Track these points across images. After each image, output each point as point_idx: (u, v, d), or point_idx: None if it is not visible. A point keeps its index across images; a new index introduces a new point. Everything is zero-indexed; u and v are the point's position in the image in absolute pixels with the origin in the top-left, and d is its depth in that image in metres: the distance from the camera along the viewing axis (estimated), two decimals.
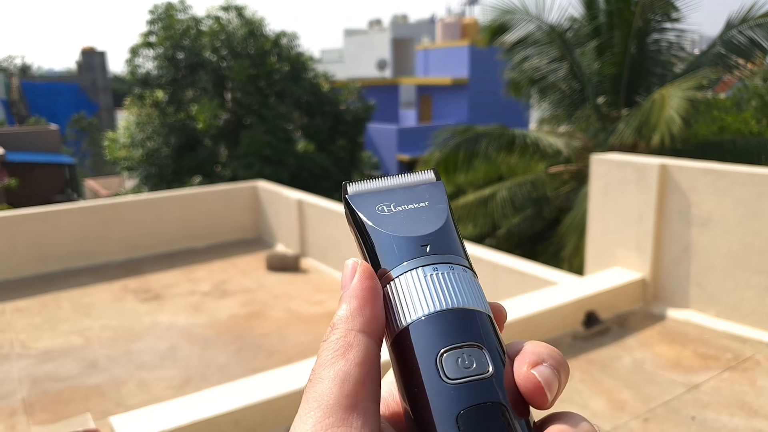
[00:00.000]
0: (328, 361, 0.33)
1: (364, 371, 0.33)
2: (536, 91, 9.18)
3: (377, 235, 0.38)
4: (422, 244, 0.37)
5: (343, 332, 0.34)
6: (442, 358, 0.32)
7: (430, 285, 0.35)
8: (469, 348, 0.33)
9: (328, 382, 0.32)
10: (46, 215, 6.70)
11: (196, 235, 7.25)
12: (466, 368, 0.32)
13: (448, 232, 0.38)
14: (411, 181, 0.41)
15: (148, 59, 12.89)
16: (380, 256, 0.37)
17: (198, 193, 7.65)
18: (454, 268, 0.36)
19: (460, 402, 0.31)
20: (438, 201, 0.40)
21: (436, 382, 0.32)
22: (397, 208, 0.39)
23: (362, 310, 0.35)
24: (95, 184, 22.89)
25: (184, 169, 12.24)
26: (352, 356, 0.33)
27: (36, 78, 41.87)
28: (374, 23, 25.69)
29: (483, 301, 0.35)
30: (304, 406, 0.33)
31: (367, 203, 0.40)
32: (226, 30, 12.66)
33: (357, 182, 0.41)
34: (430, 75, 19.74)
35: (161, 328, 5.17)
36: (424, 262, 0.36)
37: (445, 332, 0.33)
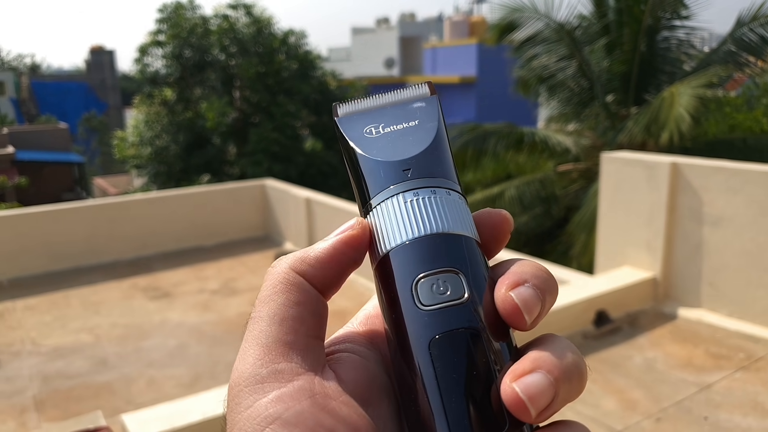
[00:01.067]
0: (267, 297, 0.33)
1: (303, 310, 0.33)
2: (545, 90, 9.15)
3: (363, 160, 0.37)
4: (404, 168, 0.36)
5: (284, 269, 0.34)
6: (417, 285, 0.32)
7: (409, 211, 0.34)
8: (445, 273, 0.32)
9: (267, 320, 0.32)
10: (56, 213, 6.74)
11: (204, 234, 7.27)
12: (441, 294, 0.31)
13: (435, 152, 0.36)
14: (404, 97, 0.39)
15: (156, 58, 12.94)
16: (366, 182, 0.36)
17: (206, 192, 7.67)
18: (436, 192, 0.35)
19: (432, 328, 0.31)
20: (429, 118, 0.38)
21: (412, 308, 0.32)
22: (385, 129, 0.38)
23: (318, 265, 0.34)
24: (104, 182, 23.01)
25: (192, 168, 12.27)
26: (291, 296, 0.33)
27: (45, 77, 42.13)
28: (382, 21, 25.65)
29: (465, 224, 0.34)
30: (244, 344, 0.32)
31: (356, 125, 0.38)
32: (234, 28, 12.68)
33: (348, 102, 0.39)
34: (438, 73, 19.71)
35: (170, 326, 5.19)
36: (405, 187, 0.35)
37: (421, 259, 0.33)
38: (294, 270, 0.34)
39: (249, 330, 0.33)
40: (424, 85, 0.39)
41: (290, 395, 0.30)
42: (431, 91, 0.39)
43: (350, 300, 4.84)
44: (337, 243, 0.35)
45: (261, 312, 0.33)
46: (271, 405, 0.30)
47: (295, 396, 0.30)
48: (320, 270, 0.34)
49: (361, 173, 0.37)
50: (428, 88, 0.39)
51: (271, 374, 0.31)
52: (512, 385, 0.29)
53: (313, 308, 0.33)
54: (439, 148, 0.37)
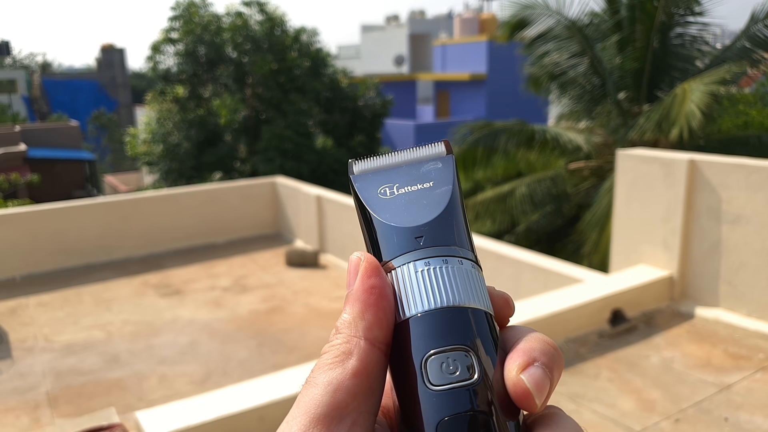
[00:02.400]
0: (325, 366, 0.32)
1: (358, 382, 0.32)
2: (556, 87, 9.08)
3: (375, 222, 0.36)
4: (417, 236, 0.35)
5: (345, 338, 0.33)
6: (426, 363, 0.31)
7: (420, 281, 0.33)
8: (455, 351, 0.31)
9: (321, 389, 0.32)
10: (68, 211, 6.76)
11: (215, 231, 7.27)
12: (450, 374, 0.31)
13: (448, 219, 0.36)
14: (419, 156, 0.39)
15: (169, 55, 12.97)
16: (381, 245, 0.36)
17: (217, 189, 7.67)
18: (448, 261, 0.34)
19: (440, 410, 0.30)
20: (444, 181, 0.37)
21: (421, 386, 0.31)
22: (399, 190, 0.37)
23: (364, 315, 0.33)
24: (114, 179, 23.12)
25: (204, 165, 12.30)
26: (349, 365, 0.32)
27: (57, 75, 42.38)
28: (391, 19, 25.59)
29: (479, 296, 0.33)
30: (293, 410, 0.32)
31: (370, 184, 0.38)
32: (248, 25, 12.69)
33: (363, 160, 0.39)
34: (448, 71, 19.64)
35: (182, 323, 5.19)
36: (416, 256, 0.34)
37: (431, 334, 0.32)
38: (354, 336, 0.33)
39: (301, 394, 0.32)
40: (440, 144, 0.39)
41: None
42: (447, 150, 0.39)
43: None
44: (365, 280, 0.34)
45: (317, 379, 0.32)
46: None
47: None
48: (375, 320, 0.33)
49: (374, 235, 0.36)
50: (444, 147, 0.39)
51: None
52: None
53: (371, 377, 0.32)
54: (452, 213, 0.36)
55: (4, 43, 45.50)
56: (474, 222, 8.91)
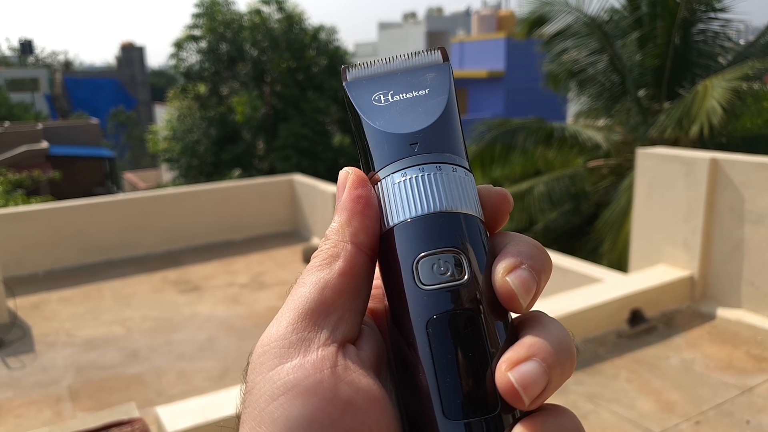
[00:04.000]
0: (314, 267, 0.34)
1: (344, 281, 0.33)
2: (575, 84, 9.00)
3: (369, 129, 0.36)
4: (411, 142, 0.35)
5: (333, 243, 0.34)
6: (418, 264, 0.32)
7: (413, 188, 0.33)
8: (446, 253, 0.32)
9: (309, 287, 0.33)
10: (89, 207, 6.85)
11: (233, 228, 7.32)
12: (441, 274, 0.32)
13: (443, 126, 0.36)
14: (416, 63, 0.38)
15: (192, 52, 13.07)
16: (372, 153, 0.36)
17: (236, 186, 7.72)
18: (442, 168, 0.34)
19: (431, 308, 0.31)
20: (440, 88, 0.37)
21: (412, 287, 0.32)
22: (394, 97, 0.37)
23: (350, 221, 0.34)
24: (134, 176, 23.37)
25: (223, 162, 12.38)
26: (336, 266, 0.33)
27: (78, 73, 42.92)
28: (409, 16, 25.54)
29: (470, 202, 0.34)
30: (283, 309, 0.33)
31: (365, 91, 0.37)
32: (266, 23, 12.74)
33: (357, 66, 0.38)
34: (466, 68, 19.56)
35: (200, 319, 5.24)
36: (410, 163, 0.34)
37: (422, 237, 0.32)
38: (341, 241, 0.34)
39: (291, 294, 0.34)
40: (436, 51, 0.38)
41: (312, 364, 0.31)
42: (444, 58, 0.38)
43: None
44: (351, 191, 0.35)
45: (305, 279, 0.34)
46: (293, 371, 0.31)
47: (317, 365, 0.31)
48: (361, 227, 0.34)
49: (366, 143, 0.36)
50: (441, 55, 0.38)
51: (299, 341, 0.32)
52: (507, 374, 0.29)
53: (356, 278, 0.34)
54: (448, 121, 0.36)
55: (27, 42, 46.21)
56: None
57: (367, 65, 0.38)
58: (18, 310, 5.40)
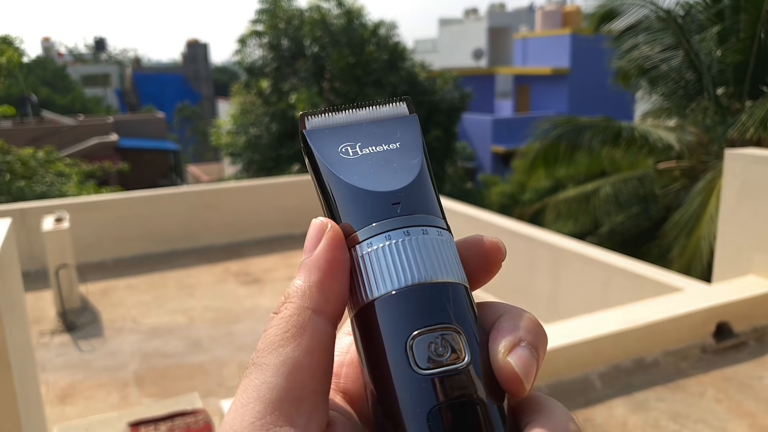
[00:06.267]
0: (276, 342, 0.29)
1: (315, 360, 0.29)
2: (645, 82, 8.62)
3: (340, 185, 0.32)
4: (393, 202, 0.31)
5: (296, 309, 0.29)
6: (412, 344, 0.28)
7: (401, 254, 0.30)
8: (443, 331, 0.29)
9: (273, 370, 0.28)
10: (156, 198, 7.04)
11: (293, 222, 7.37)
12: (439, 356, 0.28)
13: (423, 184, 0.32)
14: (382, 114, 0.35)
15: (255, 48, 13.29)
16: (344, 211, 0.32)
17: (295, 182, 7.78)
18: (427, 231, 0.31)
19: (431, 397, 0.28)
20: (412, 143, 0.34)
21: (406, 371, 0.28)
22: (363, 149, 0.33)
23: (324, 287, 0.30)
24: (197, 169, 24.02)
25: (283, 157, 12.53)
26: (304, 342, 0.29)
27: (146, 69, 44.55)
28: (470, 12, 25.20)
29: (459, 270, 0.31)
30: (242, 396, 0.28)
31: (328, 142, 0.34)
32: (326, 19, 12.81)
33: (318, 113, 0.35)
34: (528, 65, 19.13)
35: (261, 312, 5.28)
36: (395, 225, 0.31)
37: (416, 312, 0.29)
38: (309, 308, 0.29)
39: (250, 379, 0.28)
40: (402, 103, 0.36)
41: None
42: (410, 110, 0.35)
43: None
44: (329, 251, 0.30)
45: (267, 359, 0.28)
46: None
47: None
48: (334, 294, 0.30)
49: (339, 201, 0.32)
50: (406, 107, 0.35)
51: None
52: None
53: (326, 356, 0.29)
54: (426, 179, 0.33)
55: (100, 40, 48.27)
56: (554, 222, 8.62)
57: (329, 113, 0.35)
58: (88, 295, 5.58)
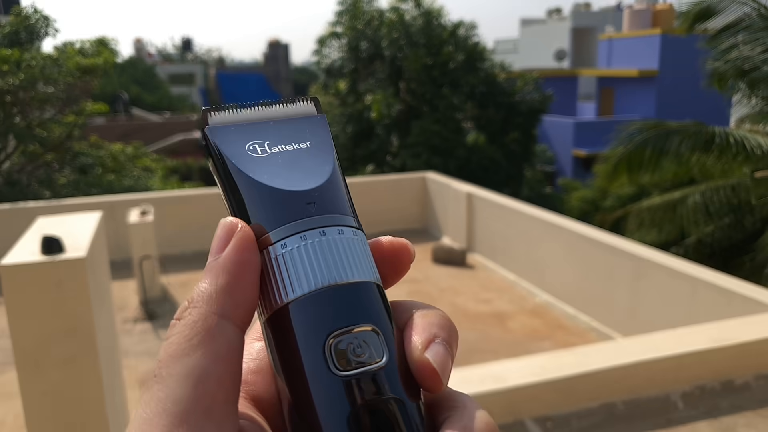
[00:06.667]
0: (181, 351, 0.27)
1: (223, 368, 0.27)
2: (744, 84, 8.07)
3: (251, 184, 0.31)
4: (308, 202, 0.31)
5: (203, 314, 0.27)
6: (330, 346, 0.28)
7: (316, 254, 0.29)
8: (362, 332, 0.28)
9: (179, 380, 0.26)
10: None
11: (366, 222, 7.08)
12: (358, 357, 0.28)
13: (336, 184, 0.32)
14: (289, 112, 0.34)
15: (334, 49, 13.49)
16: (253, 212, 0.31)
17: (370, 182, 7.82)
18: (343, 231, 0.30)
19: (351, 398, 0.27)
20: (322, 142, 0.33)
21: (324, 374, 0.28)
22: (272, 148, 0.32)
23: (232, 291, 0.28)
24: None
25: (358, 157, 12.65)
26: (211, 349, 0.27)
27: (228, 69, 46.27)
28: (553, 12, 24.52)
29: (374, 269, 0.31)
30: (145, 410, 0.26)
31: (234, 140, 0.32)
32: (404, 20, 12.82)
33: (222, 109, 0.33)
34: (614, 66, 18.38)
35: None
36: (310, 225, 0.30)
37: (333, 313, 0.28)
38: (216, 313, 0.27)
39: (153, 391, 0.26)
40: (310, 102, 0.35)
41: None
42: (318, 110, 0.35)
43: None
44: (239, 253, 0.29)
45: (171, 369, 0.26)
46: None
47: None
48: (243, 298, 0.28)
49: (246, 200, 0.31)
50: (314, 106, 0.35)
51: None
52: None
53: (234, 363, 0.28)
54: (339, 178, 0.32)
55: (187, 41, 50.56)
56: (637, 230, 8.23)
57: (234, 109, 0.33)
58: (169, 286, 5.81)
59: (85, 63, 8.77)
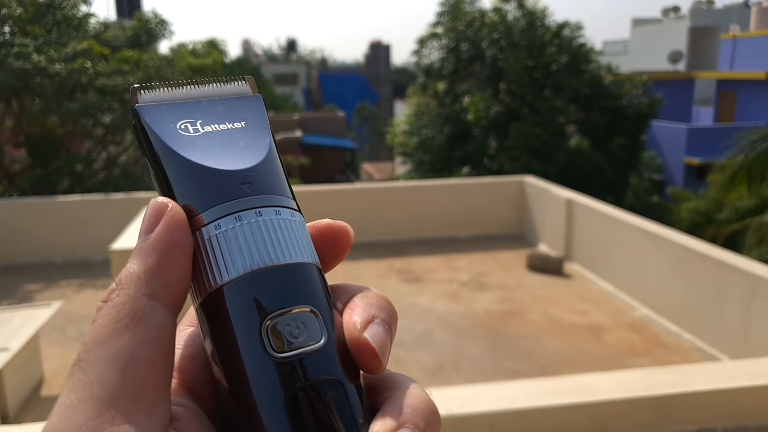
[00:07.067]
0: (107, 333, 0.26)
1: (153, 351, 0.26)
2: None
3: (181, 163, 0.30)
4: (243, 182, 0.30)
5: (131, 295, 0.26)
6: (267, 328, 0.27)
7: (253, 235, 0.29)
8: (300, 313, 0.28)
9: (106, 364, 0.25)
10: (330, 193, 7.43)
11: (459, 225, 7.32)
12: (296, 338, 0.27)
13: (273, 163, 0.31)
14: (223, 91, 0.33)
15: (433, 50, 13.48)
16: (184, 192, 0.29)
17: (465, 184, 7.72)
18: (280, 212, 0.30)
19: (289, 380, 0.27)
20: (258, 122, 0.33)
21: (260, 357, 0.27)
22: (205, 127, 0.31)
23: (162, 272, 0.27)
24: (371, 168, 25.04)
25: (454, 159, 12.56)
26: (139, 331, 0.26)
27: (330, 70, 47.51)
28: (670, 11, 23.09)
29: (312, 251, 0.30)
30: (68, 396, 0.25)
31: (165, 118, 0.31)
32: (506, 21, 12.57)
33: (153, 88, 0.32)
34: (737, 68, 17.02)
35: (419, 311, 5.29)
36: (246, 205, 0.29)
37: (270, 295, 0.28)
38: (145, 295, 0.27)
39: (78, 377, 0.25)
40: (244, 83, 0.34)
41: None
42: (253, 90, 0.34)
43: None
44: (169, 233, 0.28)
45: (98, 353, 0.25)
46: None
47: None
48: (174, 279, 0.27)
49: (176, 179, 0.30)
50: (249, 86, 0.34)
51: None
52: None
53: (166, 346, 0.27)
54: (275, 159, 0.32)
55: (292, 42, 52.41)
56: (756, 247, 7.58)
57: (165, 88, 0.32)
58: None
59: (195, 63, 9.30)
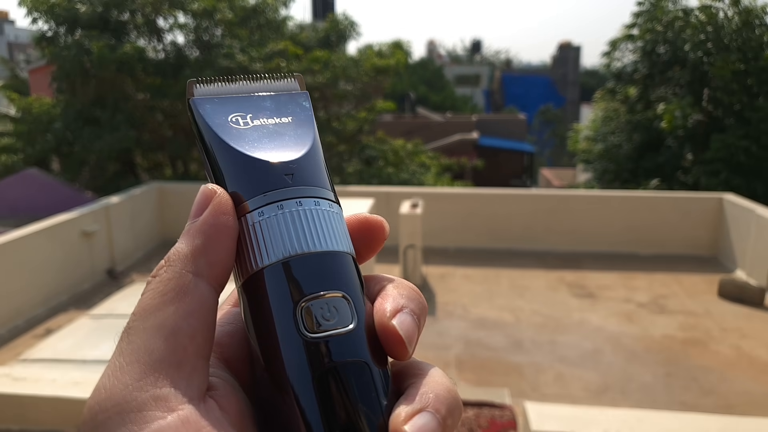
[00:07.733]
0: (153, 306, 0.28)
1: (195, 324, 0.28)
2: None
3: (231, 153, 0.32)
4: (286, 173, 0.32)
5: (177, 272, 0.29)
6: (301, 310, 0.29)
7: (292, 223, 0.30)
8: (332, 298, 0.30)
9: (152, 333, 0.27)
10: (502, 197, 7.30)
11: (641, 241, 6.78)
12: (327, 321, 0.29)
13: (315, 157, 0.33)
14: (273, 87, 0.36)
15: (626, 53, 12.60)
16: (233, 180, 0.32)
17: (652, 197, 7.14)
18: (319, 203, 0.32)
19: (319, 359, 0.29)
20: (304, 117, 0.35)
21: (294, 336, 0.29)
22: (254, 120, 0.34)
23: (208, 252, 0.29)
24: (549, 173, 24.16)
25: (642, 170, 11.63)
26: (184, 305, 0.28)
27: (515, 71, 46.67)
28: None
29: (348, 241, 0.32)
30: (117, 359, 0.27)
31: (218, 111, 0.33)
32: (715, 20, 11.32)
33: (208, 82, 0.34)
34: None
35: (589, 328, 5.01)
36: (287, 195, 0.31)
37: (305, 279, 0.30)
38: (190, 272, 0.29)
39: (127, 342, 0.28)
40: (293, 80, 0.36)
41: (175, 429, 0.26)
42: (301, 86, 0.36)
43: None
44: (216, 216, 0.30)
45: (145, 322, 0.28)
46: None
47: (180, 430, 0.26)
48: (218, 260, 0.30)
49: (226, 168, 0.32)
50: (298, 83, 0.36)
51: (151, 400, 0.26)
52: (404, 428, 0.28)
53: (207, 319, 0.29)
54: (318, 152, 0.34)
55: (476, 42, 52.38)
56: None
57: (220, 83, 0.35)
58: (428, 277, 6.11)
59: (380, 64, 9.69)
